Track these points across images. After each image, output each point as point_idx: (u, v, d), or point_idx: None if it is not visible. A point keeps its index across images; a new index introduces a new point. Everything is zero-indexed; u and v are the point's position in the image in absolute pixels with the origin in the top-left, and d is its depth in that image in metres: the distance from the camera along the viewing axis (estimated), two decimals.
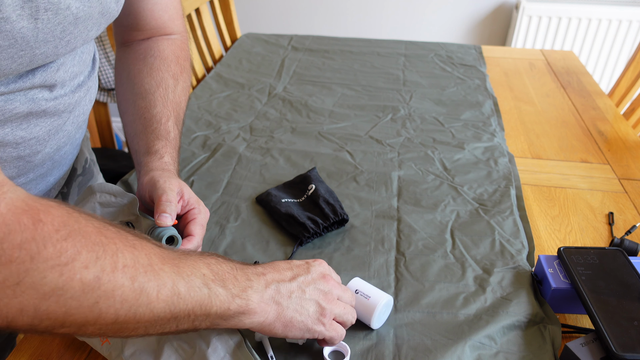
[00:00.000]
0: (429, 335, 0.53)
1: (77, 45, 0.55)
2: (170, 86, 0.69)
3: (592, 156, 0.87)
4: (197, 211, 0.57)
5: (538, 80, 1.17)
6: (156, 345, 0.48)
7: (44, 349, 0.52)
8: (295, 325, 0.46)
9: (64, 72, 0.58)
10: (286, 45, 1.33)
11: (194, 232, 0.55)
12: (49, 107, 0.57)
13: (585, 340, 0.49)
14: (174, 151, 0.65)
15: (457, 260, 0.63)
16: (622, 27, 1.98)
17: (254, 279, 0.46)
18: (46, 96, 0.56)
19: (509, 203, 0.73)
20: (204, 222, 0.57)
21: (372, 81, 1.13)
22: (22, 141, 0.56)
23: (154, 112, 0.66)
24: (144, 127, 0.65)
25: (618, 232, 0.69)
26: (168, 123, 0.66)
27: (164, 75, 0.70)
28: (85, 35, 0.55)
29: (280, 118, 0.97)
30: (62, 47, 0.52)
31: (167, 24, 0.74)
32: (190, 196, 0.58)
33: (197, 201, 0.59)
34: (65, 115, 0.60)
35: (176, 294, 0.40)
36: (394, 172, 0.80)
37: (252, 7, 2.23)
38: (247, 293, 0.44)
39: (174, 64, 0.72)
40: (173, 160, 0.64)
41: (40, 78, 0.54)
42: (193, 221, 0.56)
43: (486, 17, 2.11)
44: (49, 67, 0.55)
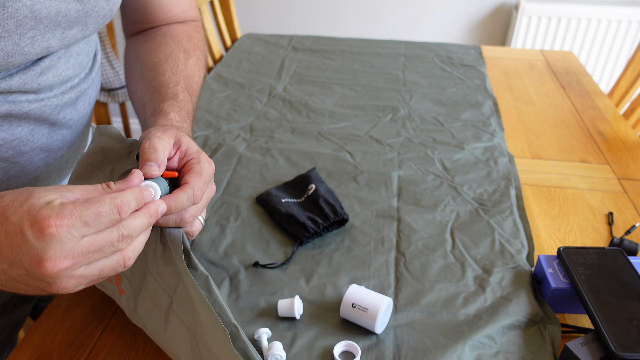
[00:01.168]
0: (429, 335, 0.53)
1: (52, 44, 0.52)
2: (180, 59, 0.65)
3: (592, 156, 0.87)
4: (195, 161, 0.50)
5: (538, 80, 1.17)
6: (164, 315, 0.48)
7: (44, 348, 0.52)
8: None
9: (53, 76, 0.55)
10: (286, 45, 1.33)
11: (188, 181, 0.48)
12: (32, 110, 0.54)
13: (585, 340, 0.49)
14: (181, 111, 0.59)
15: (457, 260, 0.63)
16: (622, 27, 1.98)
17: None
18: (30, 98, 0.53)
19: (508, 203, 0.73)
20: (203, 171, 0.49)
21: (372, 81, 1.13)
22: (2, 142, 0.54)
23: (161, 79, 0.61)
24: (151, 94, 0.61)
25: (618, 232, 0.69)
26: (177, 87, 0.61)
27: (173, 49, 0.66)
28: (60, 34, 0.52)
29: (280, 118, 0.97)
30: (27, 44, 0.48)
31: (178, 16, 0.71)
32: (190, 146, 0.51)
33: (198, 152, 0.52)
34: (53, 117, 0.58)
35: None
36: (394, 172, 0.80)
37: (252, 7, 2.23)
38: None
39: (186, 41, 0.68)
40: (181, 119, 0.57)
41: (19, 81, 0.51)
42: (190, 171, 0.49)
43: (486, 17, 2.11)
44: (30, 71, 0.52)
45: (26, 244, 0.36)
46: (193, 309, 0.46)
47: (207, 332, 0.45)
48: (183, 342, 0.47)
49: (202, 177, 0.49)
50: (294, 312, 0.54)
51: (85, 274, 0.38)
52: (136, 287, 0.51)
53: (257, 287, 0.59)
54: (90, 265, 0.38)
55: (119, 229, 0.39)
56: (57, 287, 0.37)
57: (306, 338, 0.52)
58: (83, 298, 0.58)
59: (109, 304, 0.57)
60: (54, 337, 0.53)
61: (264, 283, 0.59)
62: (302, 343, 0.52)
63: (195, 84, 0.65)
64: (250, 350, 0.45)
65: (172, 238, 0.48)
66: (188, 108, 0.61)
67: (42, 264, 0.35)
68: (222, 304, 0.47)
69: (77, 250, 0.36)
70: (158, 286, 0.49)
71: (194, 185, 0.47)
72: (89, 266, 0.38)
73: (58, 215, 0.35)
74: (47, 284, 0.37)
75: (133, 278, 0.52)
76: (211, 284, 0.48)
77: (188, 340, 0.47)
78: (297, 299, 0.54)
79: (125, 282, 0.52)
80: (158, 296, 0.49)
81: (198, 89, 0.66)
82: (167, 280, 0.49)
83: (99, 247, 0.38)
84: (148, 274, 0.50)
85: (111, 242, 0.38)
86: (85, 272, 0.38)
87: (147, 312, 0.50)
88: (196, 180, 0.48)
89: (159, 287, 0.49)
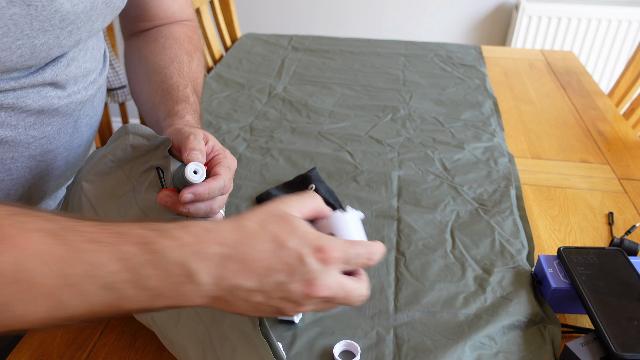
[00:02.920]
0: (429, 335, 0.53)
1: (82, 37, 0.54)
2: (184, 61, 0.67)
3: (592, 156, 0.87)
4: (223, 156, 0.53)
5: (538, 80, 1.17)
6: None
7: (44, 349, 0.52)
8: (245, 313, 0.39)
9: (76, 68, 0.57)
10: (286, 45, 1.33)
11: (219, 172, 0.51)
12: (61, 106, 0.56)
13: (585, 340, 0.49)
14: (195, 114, 0.62)
15: (457, 260, 0.63)
16: (622, 27, 1.98)
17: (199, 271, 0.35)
18: (59, 94, 0.55)
19: (508, 203, 0.73)
20: (231, 165, 0.52)
21: (372, 81, 1.13)
22: (33, 140, 0.55)
23: (170, 82, 0.64)
24: (162, 97, 0.63)
25: (618, 232, 0.69)
26: (186, 90, 0.63)
27: (177, 52, 0.68)
28: (89, 27, 0.54)
29: (280, 118, 0.97)
30: (65, 37, 0.51)
31: (176, 13, 0.72)
32: (215, 143, 0.55)
33: (223, 149, 0.55)
34: (76, 114, 0.60)
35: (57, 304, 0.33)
36: (394, 172, 0.80)
37: (252, 7, 2.23)
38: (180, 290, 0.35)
39: (187, 43, 0.70)
40: (195, 121, 0.60)
41: (51, 74, 0.53)
42: (219, 164, 0.52)
43: (486, 17, 2.11)
44: (59, 62, 0.54)
45: (305, 266, 0.37)
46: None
47: (228, 322, 0.44)
48: (194, 335, 0.46)
49: (230, 171, 0.52)
50: (293, 316, 0.54)
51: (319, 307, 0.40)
52: None
53: None
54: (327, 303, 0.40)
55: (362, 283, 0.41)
56: (301, 309, 0.39)
57: (306, 338, 0.52)
58: None
59: None
60: (54, 337, 0.53)
61: None
62: (302, 343, 0.52)
63: (199, 85, 0.68)
64: (272, 338, 0.44)
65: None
66: (199, 110, 0.63)
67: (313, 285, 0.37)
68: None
69: (336, 283, 0.38)
70: None
71: (225, 177, 0.50)
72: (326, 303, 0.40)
73: (332, 247, 0.38)
74: (297, 305, 0.38)
75: None
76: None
77: (200, 333, 0.46)
78: None
79: None
80: None
81: (201, 89, 0.68)
82: None
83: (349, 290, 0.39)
84: None
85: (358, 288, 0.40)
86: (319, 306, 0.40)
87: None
88: (226, 173, 0.51)
89: None
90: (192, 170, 0.48)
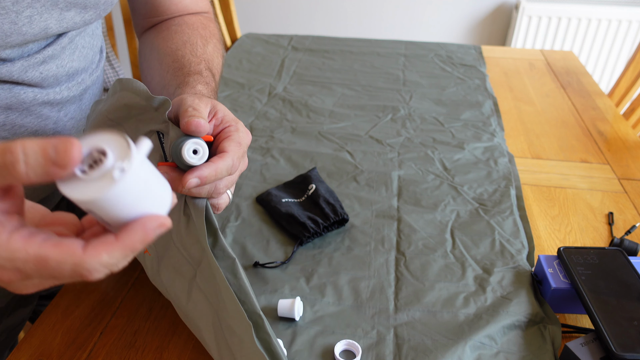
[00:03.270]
0: (429, 335, 0.53)
1: (50, 25, 0.50)
2: (199, 44, 0.62)
3: (592, 156, 0.87)
4: (234, 129, 0.47)
5: (538, 80, 1.17)
6: (187, 285, 0.47)
7: (44, 348, 0.52)
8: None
9: (57, 67, 0.54)
10: (286, 45, 1.33)
11: (227, 149, 0.45)
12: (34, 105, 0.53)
13: (585, 340, 0.49)
14: (208, 86, 0.56)
15: (457, 260, 0.63)
16: (622, 27, 1.98)
17: None
18: (35, 92, 0.53)
19: (508, 203, 0.73)
20: (242, 140, 0.46)
21: (372, 81, 1.13)
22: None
23: (182, 61, 0.59)
24: (172, 75, 0.58)
25: (618, 232, 0.69)
26: (199, 66, 0.58)
27: (190, 36, 0.63)
28: (58, 15, 0.50)
29: (280, 118, 0.97)
30: (25, 24, 0.47)
31: (189, 6, 0.69)
32: (226, 114, 0.48)
33: (235, 120, 0.49)
34: (55, 116, 0.57)
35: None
36: (394, 172, 0.80)
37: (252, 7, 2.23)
38: None
39: (202, 29, 0.66)
40: (208, 92, 0.54)
41: (21, 68, 0.50)
42: (228, 138, 0.46)
43: (486, 17, 2.11)
44: (32, 58, 0.51)
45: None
46: (217, 288, 0.45)
47: (232, 315, 0.44)
48: (205, 315, 0.46)
49: (241, 147, 0.46)
50: (293, 314, 0.54)
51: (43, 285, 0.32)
52: (160, 252, 0.50)
53: (257, 286, 0.59)
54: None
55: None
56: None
57: (306, 337, 0.52)
58: (83, 298, 0.58)
59: (109, 304, 0.57)
60: (54, 337, 0.53)
61: (264, 282, 0.59)
62: (302, 342, 0.52)
63: (216, 68, 0.62)
64: (273, 342, 0.43)
65: (197, 212, 0.45)
66: (213, 86, 0.58)
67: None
68: (247, 290, 0.45)
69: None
70: (182, 257, 0.47)
71: (234, 154, 0.45)
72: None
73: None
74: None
75: (158, 242, 0.50)
76: (238, 268, 0.46)
77: (210, 315, 0.46)
78: (298, 300, 0.54)
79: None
80: (182, 266, 0.48)
81: (218, 74, 0.63)
82: (192, 253, 0.47)
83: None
84: (172, 244, 0.48)
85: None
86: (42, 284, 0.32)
87: (170, 279, 0.49)
88: (236, 150, 0.45)
89: (183, 258, 0.47)
90: (191, 149, 0.42)
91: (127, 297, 0.58)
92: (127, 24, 1.49)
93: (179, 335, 0.53)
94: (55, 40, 0.54)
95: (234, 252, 0.64)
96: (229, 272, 0.46)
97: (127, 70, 2.35)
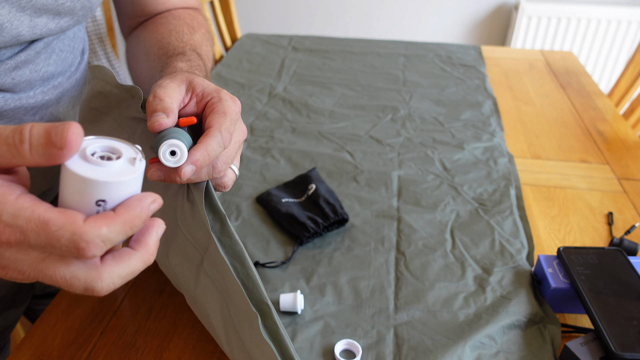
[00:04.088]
0: (429, 334, 0.53)
1: (22, 34, 0.48)
2: (185, 32, 0.60)
3: (592, 156, 0.87)
4: (217, 99, 0.43)
5: (537, 80, 1.17)
6: (195, 270, 0.47)
7: (44, 348, 0.52)
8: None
9: (31, 72, 0.53)
10: (286, 45, 1.33)
11: (212, 123, 0.42)
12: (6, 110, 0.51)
13: (585, 340, 0.49)
14: (189, 62, 0.53)
15: (457, 260, 0.63)
16: (622, 27, 1.98)
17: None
18: (7, 97, 0.51)
19: (508, 203, 0.73)
20: (226, 109, 0.43)
21: (372, 81, 1.13)
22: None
23: (167, 47, 0.57)
24: (158, 63, 0.56)
25: (617, 232, 0.69)
26: (184, 48, 0.56)
27: (176, 25, 0.61)
28: (29, 22, 0.48)
29: (280, 118, 0.97)
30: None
31: (177, 3, 0.67)
32: (206, 86, 0.45)
33: (217, 90, 0.45)
34: (28, 119, 0.55)
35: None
36: (394, 172, 0.80)
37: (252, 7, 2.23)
38: None
39: (189, 19, 0.64)
40: (189, 67, 0.51)
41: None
42: (211, 112, 0.42)
43: (486, 18, 2.11)
44: (3, 64, 0.49)
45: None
46: (223, 275, 0.44)
47: (239, 303, 0.43)
48: (213, 302, 0.46)
49: (228, 117, 0.42)
50: (296, 307, 0.54)
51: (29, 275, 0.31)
52: (168, 236, 0.50)
53: None
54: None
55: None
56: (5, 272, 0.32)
57: (306, 336, 0.53)
58: (83, 298, 0.58)
59: (109, 304, 0.57)
60: (54, 337, 0.53)
61: (264, 282, 0.59)
62: (302, 341, 0.52)
63: (205, 54, 0.59)
64: (281, 332, 0.43)
65: (199, 197, 0.44)
66: (198, 63, 0.54)
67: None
68: (255, 279, 0.44)
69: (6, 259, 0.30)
70: (188, 243, 0.47)
71: (221, 126, 0.41)
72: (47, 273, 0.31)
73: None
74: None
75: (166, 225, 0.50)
76: (245, 256, 0.45)
77: (217, 302, 0.45)
78: (299, 293, 0.55)
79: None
80: (189, 252, 0.47)
81: (209, 60, 0.60)
82: (198, 239, 0.46)
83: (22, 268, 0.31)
84: (178, 230, 0.48)
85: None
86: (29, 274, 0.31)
87: (179, 264, 0.49)
88: (222, 121, 0.42)
89: (190, 244, 0.47)
90: (167, 152, 0.40)
91: (127, 297, 0.58)
92: None
93: (179, 335, 0.53)
94: (29, 46, 0.52)
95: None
96: (236, 261, 0.45)
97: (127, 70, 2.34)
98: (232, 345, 0.45)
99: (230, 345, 0.45)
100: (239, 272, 0.44)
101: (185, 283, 0.49)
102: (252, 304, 0.43)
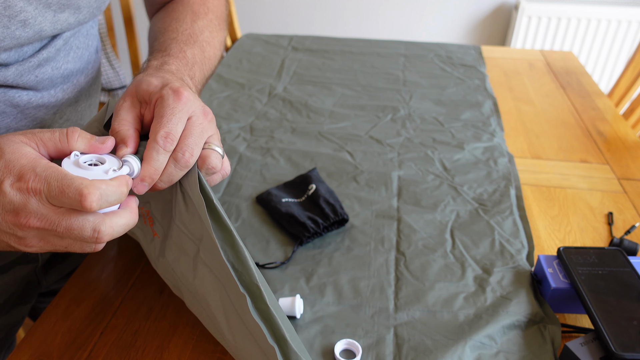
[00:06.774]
0: (429, 335, 0.53)
1: (44, 29, 0.50)
2: (186, 21, 0.61)
3: (592, 156, 0.87)
4: (159, 100, 0.44)
5: (537, 80, 1.17)
6: (192, 262, 0.48)
7: (44, 348, 0.52)
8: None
9: (53, 70, 0.54)
10: (286, 45, 1.33)
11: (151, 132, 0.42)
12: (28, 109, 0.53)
13: (585, 340, 0.49)
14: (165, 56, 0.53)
15: (457, 260, 0.63)
16: (622, 27, 1.98)
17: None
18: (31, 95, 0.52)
19: (508, 203, 0.73)
20: (164, 110, 0.42)
21: (372, 81, 1.13)
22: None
23: (159, 40, 0.58)
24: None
25: (617, 232, 0.69)
26: (172, 42, 0.56)
27: (180, 14, 0.62)
28: (52, 17, 0.50)
29: (280, 118, 0.97)
30: (18, 28, 0.47)
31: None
32: (152, 89, 0.45)
33: (161, 87, 0.44)
34: (49, 119, 0.56)
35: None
36: (394, 172, 0.80)
37: (252, 7, 2.23)
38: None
39: (197, 5, 0.64)
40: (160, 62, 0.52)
41: (16, 72, 0.50)
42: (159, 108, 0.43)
43: (486, 18, 2.11)
44: (27, 62, 0.51)
45: (3, 196, 0.37)
46: (220, 261, 0.45)
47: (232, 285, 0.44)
48: (212, 290, 0.46)
49: (164, 118, 0.42)
50: (294, 311, 0.54)
51: (48, 242, 0.39)
52: (165, 232, 0.51)
53: None
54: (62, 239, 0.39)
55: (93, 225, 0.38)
56: (26, 242, 0.39)
57: (306, 336, 0.53)
58: (83, 298, 0.58)
59: (109, 303, 0.57)
60: (54, 337, 0.53)
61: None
62: (302, 341, 0.52)
63: (205, 42, 0.59)
64: (271, 312, 0.43)
65: (191, 186, 0.45)
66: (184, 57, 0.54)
67: (19, 214, 0.37)
68: (245, 260, 0.44)
69: (41, 214, 0.37)
70: (184, 236, 0.48)
71: (156, 134, 0.41)
72: (54, 237, 0.39)
73: (31, 178, 0.37)
74: (17, 238, 0.39)
75: (163, 222, 0.51)
76: (235, 238, 0.45)
77: (217, 289, 0.46)
78: (298, 297, 0.55)
79: (157, 225, 0.51)
80: (184, 244, 0.48)
81: (208, 46, 0.60)
82: (192, 230, 0.47)
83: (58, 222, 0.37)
84: (174, 224, 0.49)
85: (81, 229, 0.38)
86: (47, 241, 0.39)
87: (175, 259, 0.49)
88: (157, 127, 0.42)
89: (185, 236, 0.48)
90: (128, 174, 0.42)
91: (127, 297, 0.58)
92: (127, 24, 1.49)
93: (179, 335, 0.53)
94: (50, 43, 0.54)
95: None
96: (226, 244, 0.46)
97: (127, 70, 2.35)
98: (234, 332, 0.45)
99: (233, 332, 0.45)
100: (229, 255, 0.46)
101: (183, 277, 0.49)
102: (241, 285, 0.44)
